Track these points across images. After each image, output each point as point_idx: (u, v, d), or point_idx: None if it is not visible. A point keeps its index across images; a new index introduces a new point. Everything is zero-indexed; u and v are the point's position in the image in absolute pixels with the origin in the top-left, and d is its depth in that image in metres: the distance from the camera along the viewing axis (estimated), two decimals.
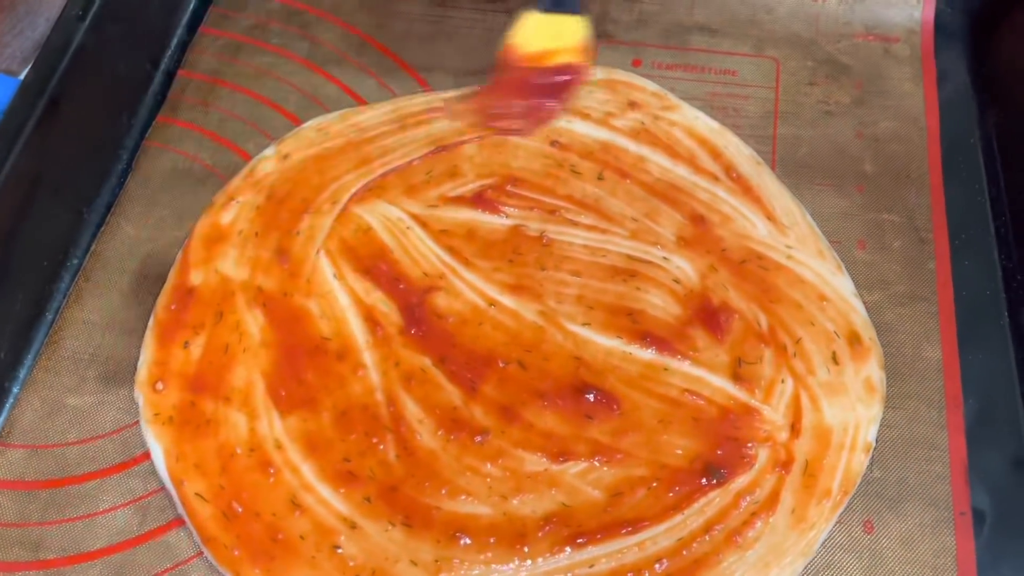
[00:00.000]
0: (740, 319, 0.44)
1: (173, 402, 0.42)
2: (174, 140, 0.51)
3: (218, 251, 0.46)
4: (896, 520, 0.39)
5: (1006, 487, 0.39)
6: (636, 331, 0.44)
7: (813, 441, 0.40)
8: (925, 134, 0.49)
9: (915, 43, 0.53)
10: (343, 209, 0.47)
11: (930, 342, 0.43)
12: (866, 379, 0.42)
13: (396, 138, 0.50)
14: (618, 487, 0.40)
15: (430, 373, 0.43)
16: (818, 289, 0.44)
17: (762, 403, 0.41)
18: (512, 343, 0.43)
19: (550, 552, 0.38)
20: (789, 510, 0.39)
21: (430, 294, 0.45)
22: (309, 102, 0.53)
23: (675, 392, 0.42)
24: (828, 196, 0.48)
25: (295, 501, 0.39)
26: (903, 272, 0.45)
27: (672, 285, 0.45)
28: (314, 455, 0.40)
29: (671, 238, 0.46)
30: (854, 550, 0.38)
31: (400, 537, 0.39)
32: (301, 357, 0.43)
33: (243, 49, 0.55)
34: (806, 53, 0.53)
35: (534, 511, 0.39)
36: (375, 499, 0.39)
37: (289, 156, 0.50)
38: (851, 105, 0.51)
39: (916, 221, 0.47)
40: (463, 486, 0.40)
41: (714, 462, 0.40)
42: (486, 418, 0.41)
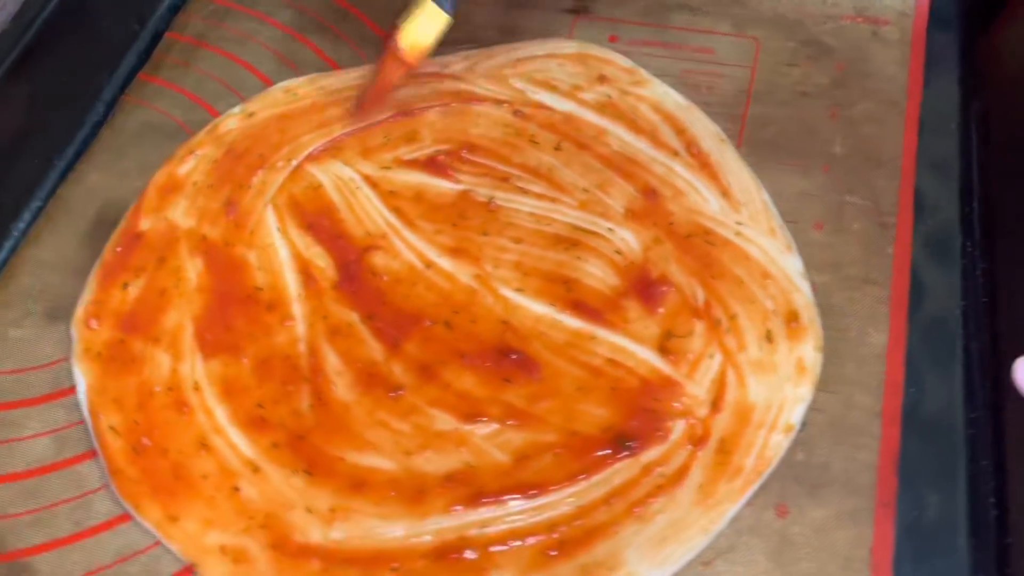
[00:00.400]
0: (676, 292, 0.42)
1: (104, 339, 0.43)
2: (151, 97, 0.52)
3: (171, 200, 0.47)
4: (813, 506, 0.36)
5: (935, 481, 0.36)
6: (569, 299, 0.42)
7: (733, 418, 0.38)
8: (903, 118, 0.47)
9: (906, 26, 0.51)
10: (298, 167, 0.48)
11: (876, 327, 0.41)
12: (798, 359, 0.39)
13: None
14: (525, 451, 0.38)
15: (356, 328, 0.42)
16: (763, 267, 0.42)
17: (686, 377, 0.40)
18: (442, 304, 0.43)
19: (445, 511, 0.37)
20: (696, 486, 0.37)
21: (369, 252, 0.45)
22: (284, 66, 0.53)
23: (598, 361, 0.40)
24: (792, 176, 0.46)
25: (204, 442, 0.39)
26: (859, 255, 0.43)
27: (613, 256, 0.44)
28: (229, 399, 0.41)
29: (620, 210, 0.45)
30: (762, 533, 0.36)
31: (300, 484, 0.38)
32: (232, 305, 0.43)
33: (230, 14, 0.56)
34: (789, 34, 0.52)
35: (437, 469, 0.38)
36: (282, 446, 0.39)
37: (254, 114, 0.50)
38: (829, 86, 0.49)
39: (881, 205, 0.44)
40: (370, 440, 0.39)
41: (627, 433, 0.38)
42: (404, 375, 0.41)
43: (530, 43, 0.53)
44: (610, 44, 0.52)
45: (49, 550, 0.38)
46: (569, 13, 0.54)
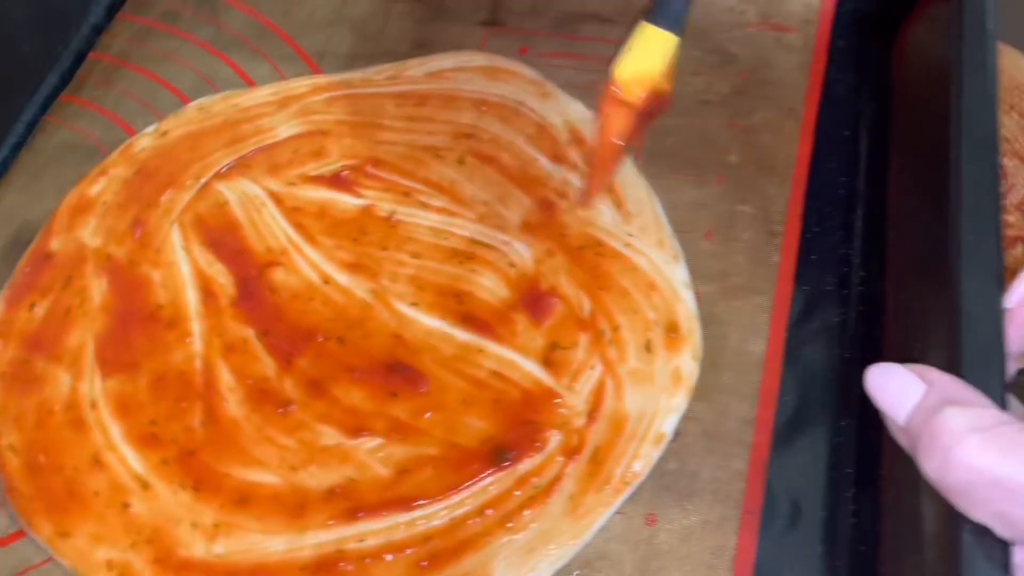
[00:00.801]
0: (563, 304, 0.43)
1: (8, 358, 0.44)
2: (71, 117, 0.54)
3: (81, 220, 0.48)
4: (681, 514, 0.37)
5: (801, 490, 0.37)
6: (460, 312, 0.43)
7: (607, 428, 0.39)
8: (799, 126, 0.47)
9: (810, 33, 0.51)
10: (206, 184, 0.49)
11: (756, 336, 0.41)
12: (675, 369, 0.40)
13: (271, 118, 0.51)
14: (406, 464, 0.39)
15: (251, 345, 0.43)
16: (649, 278, 0.43)
17: (567, 388, 0.40)
18: (337, 319, 0.44)
19: (325, 525, 0.38)
20: (568, 496, 0.37)
21: (269, 268, 0.45)
22: (203, 84, 0.54)
23: (484, 374, 0.41)
24: (686, 186, 0.46)
25: (98, 459, 0.41)
26: (745, 264, 0.43)
27: (506, 269, 0.44)
28: (124, 416, 0.42)
29: (517, 223, 0.46)
30: (631, 542, 0.37)
31: (187, 500, 0.39)
32: (134, 323, 0.44)
33: (152, 33, 0.57)
34: (695, 43, 0.52)
35: (320, 484, 0.39)
36: (172, 462, 0.40)
37: (167, 133, 0.51)
38: (730, 94, 0.49)
39: (770, 214, 0.45)
40: (257, 456, 0.40)
41: (505, 445, 0.39)
42: (294, 391, 0.42)
43: (442, 55, 0.53)
44: (520, 56, 0.53)
45: None
46: (482, 26, 0.55)
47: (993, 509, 0.26)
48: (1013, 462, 0.26)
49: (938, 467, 0.27)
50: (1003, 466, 0.26)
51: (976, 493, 0.26)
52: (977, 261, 0.34)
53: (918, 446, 0.28)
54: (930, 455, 0.27)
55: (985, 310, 0.33)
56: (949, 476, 0.27)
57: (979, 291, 0.33)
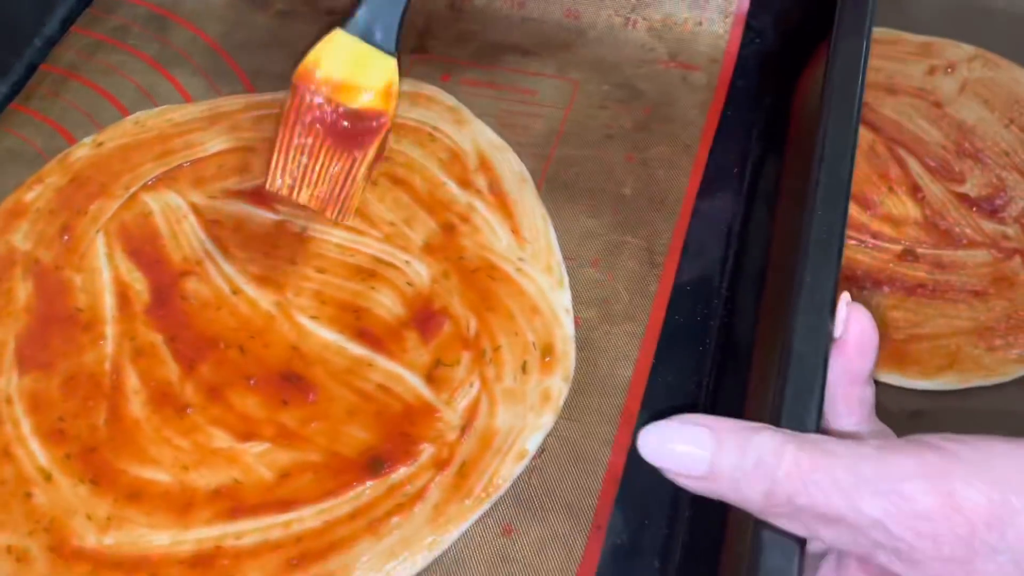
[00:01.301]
0: (451, 324, 0.45)
1: None
2: (18, 125, 0.57)
3: (14, 225, 0.51)
4: (536, 527, 0.40)
5: (646, 508, 0.40)
6: (356, 327, 0.46)
7: (476, 443, 0.41)
8: (692, 162, 0.50)
9: (714, 73, 0.54)
10: (133, 195, 0.52)
11: (626, 361, 0.44)
12: (544, 390, 0.43)
13: (202, 134, 0.54)
14: (288, 469, 0.42)
15: (158, 349, 0.46)
16: (533, 302, 0.45)
17: (445, 404, 0.43)
18: (241, 329, 0.46)
19: (207, 522, 0.41)
20: (432, 506, 0.40)
21: (184, 278, 0.48)
22: (143, 98, 0.57)
23: (371, 387, 0.44)
24: (582, 216, 0.49)
25: (7, 451, 0.43)
26: (624, 292, 0.46)
27: (404, 288, 0.47)
28: (35, 412, 0.44)
29: (419, 244, 0.49)
30: (487, 550, 0.39)
31: (85, 493, 0.42)
32: (53, 324, 0.47)
33: (102, 47, 0.60)
34: (605, 77, 0.55)
35: (208, 484, 0.42)
36: (74, 457, 0.43)
37: (103, 144, 0.54)
38: (632, 129, 0.52)
39: (654, 245, 0.47)
40: (153, 455, 0.43)
41: (381, 455, 0.42)
42: (195, 395, 0.44)
43: None
44: (441, 83, 0.56)
45: None
46: (408, 52, 0.57)
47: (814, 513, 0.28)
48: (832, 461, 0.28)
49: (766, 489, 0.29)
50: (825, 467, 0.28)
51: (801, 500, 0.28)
52: (812, 303, 0.36)
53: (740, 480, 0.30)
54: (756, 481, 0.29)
55: (812, 349, 0.35)
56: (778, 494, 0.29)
57: (809, 331, 0.36)
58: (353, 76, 0.40)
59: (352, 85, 0.41)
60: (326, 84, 0.40)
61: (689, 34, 0.55)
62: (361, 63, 0.41)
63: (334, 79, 0.41)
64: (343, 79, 0.40)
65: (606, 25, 0.56)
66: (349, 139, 0.41)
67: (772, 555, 0.31)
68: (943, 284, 0.60)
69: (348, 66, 0.40)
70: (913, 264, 0.61)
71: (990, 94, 0.70)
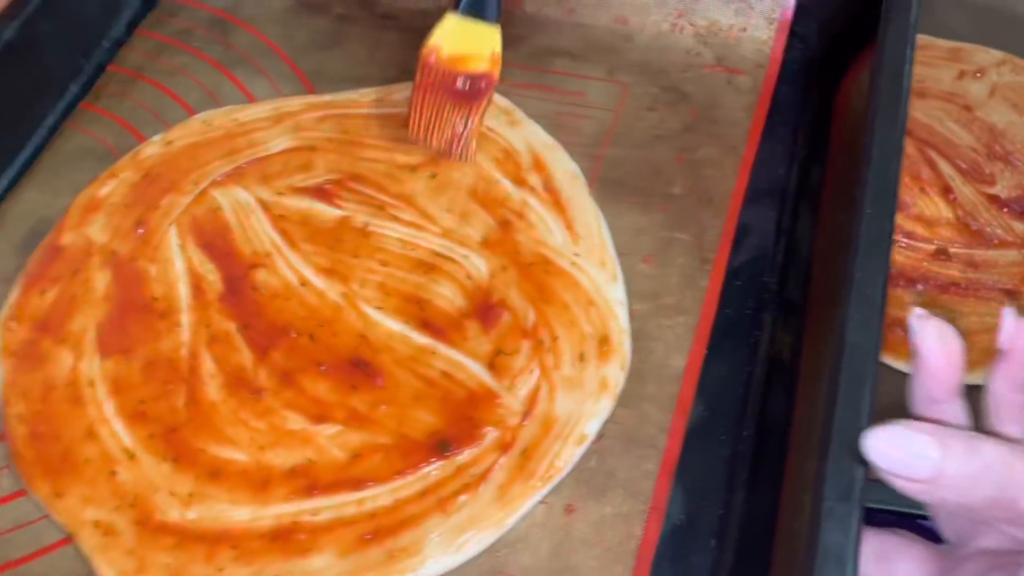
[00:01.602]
0: (511, 315, 0.48)
1: (20, 338, 0.49)
2: (88, 123, 0.59)
3: (90, 218, 0.54)
4: (596, 507, 0.42)
5: (702, 490, 0.42)
6: (420, 318, 0.48)
7: (538, 428, 0.44)
8: (739, 162, 0.52)
9: (759, 77, 0.56)
10: (202, 191, 0.54)
11: (679, 352, 0.46)
12: (603, 378, 0.45)
13: (266, 132, 0.57)
14: (360, 450, 0.44)
15: (232, 337, 0.48)
16: (588, 294, 0.48)
17: (506, 390, 0.45)
18: (310, 318, 0.49)
19: (285, 499, 0.43)
20: (497, 485, 0.42)
21: (254, 269, 0.51)
22: (208, 98, 0.60)
23: (435, 374, 0.46)
24: (632, 213, 0.51)
25: (91, 431, 0.46)
26: (676, 287, 0.48)
27: (464, 281, 0.49)
28: (117, 394, 0.47)
29: (477, 239, 0.51)
30: (549, 528, 0.41)
31: (167, 471, 0.45)
32: (131, 312, 0.50)
33: (167, 49, 0.63)
34: (653, 80, 0.57)
35: (283, 463, 0.44)
36: (156, 437, 0.46)
37: (173, 143, 0.57)
38: (680, 131, 0.54)
39: (704, 242, 0.49)
40: (230, 435, 0.45)
41: (447, 438, 0.44)
42: (268, 380, 0.47)
43: None
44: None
45: None
46: None
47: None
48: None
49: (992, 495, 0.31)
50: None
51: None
52: (863, 297, 0.38)
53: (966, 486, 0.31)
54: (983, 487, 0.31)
55: (865, 340, 0.38)
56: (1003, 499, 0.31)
57: (862, 323, 0.38)
58: (465, 48, 0.50)
59: (465, 55, 0.50)
60: (446, 58, 0.50)
61: (734, 40, 0.57)
62: (470, 36, 0.50)
63: (451, 53, 0.50)
64: (458, 52, 0.50)
65: (653, 30, 0.59)
66: (465, 97, 0.51)
67: (831, 531, 0.33)
68: (975, 283, 0.62)
69: (460, 41, 0.50)
70: (946, 263, 0.63)
71: (1019, 98, 0.72)
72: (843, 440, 0.35)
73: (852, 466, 0.34)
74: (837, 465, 0.34)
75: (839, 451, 0.34)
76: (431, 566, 0.41)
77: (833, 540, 0.33)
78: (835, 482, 0.34)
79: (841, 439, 0.35)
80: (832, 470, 0.34)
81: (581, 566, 0.41)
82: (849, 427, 0.35)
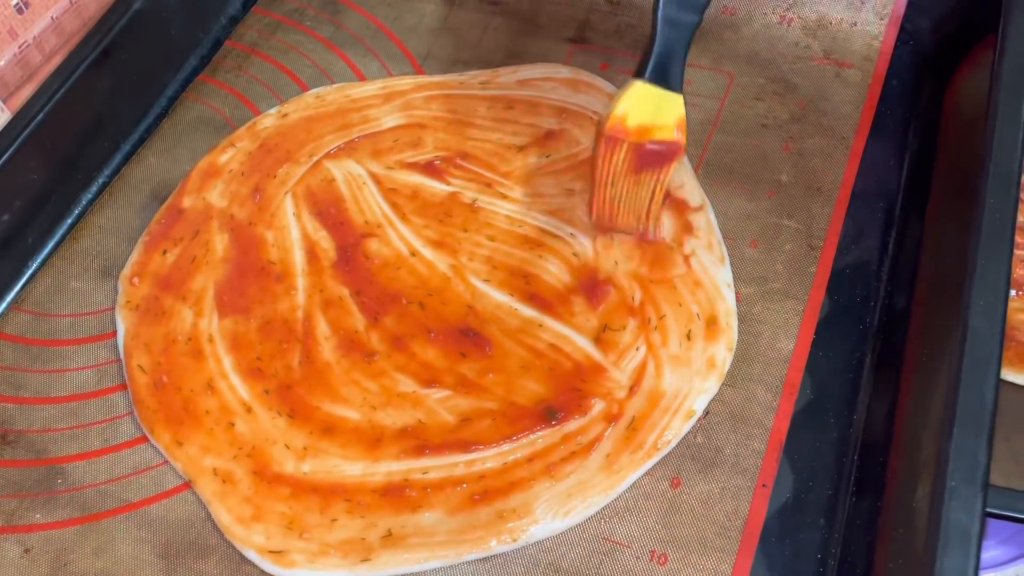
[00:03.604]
0: (617, 292, 0.48)
1: (143, 294, 0.52)
2: (206, 95, 0.62)
3: (210, 184, 0.56)
4: (703, 481, 0.42)
5: (810, 471, 0.42)
6: (526, 291, 0.49)
7: (645, 401, 0.44)
8: (848, 153, 0.52)
9: (868, 70, 0.56)
10: (317, 162, 0.56)
11: (787, 336, 0.46)
12: (710, 357, 0.45)
13: (377, 110, 0.58)
14: (469, 414, 0.45)
15: (346, 301, 0.50)
16: (696, 276, 0.48)
17: (613, 365, 0.46)
18: (420, 287, 0.50)
19: (396, 457, 0.45)
20: (604, 455, 0.43)
21: (366, 239, 0.52)
22: (320, 75, 0.62)
23: (542, 345, 0.47)
24: (739, 198, 0.52)
25: (211, 384, 0.48)
26: (783, 272, 0.48)
27: (570, 258, 0.50)
28: (236, 351, 0.49)
29: (584, 218, 0.52)
30: (656, 499, 0.42)
31: (283, 425, 0.46)
32: (249, 274, 0.52)
33: (280, 27, 0.65)
34: (760, 71, 0.57)
35: (395, 423, 0.46)
36: (272, 392, 0.47)
37: (288, 115, 0.59)
38: (788, 120, 0.54)
39: (812, 229, 0.50)
40: (344, 395, 0.47)
41: (555, 406, 0.45)
42: (380, 344, 0.48)
43: (531, 66, 0.60)
44: (600, 71, 0.59)
45: (81, 459, 0.47)
46: (569, 42, 0.61)
47: None
48: None
49: None
50: None
51: None
52: (987, 283, 0.39)
53: None
54: None
55: (989, 325, 0.38)
56: None
57: (985, 308, 0.38)
58: (652, 117, 0.45)
59: (651, 125, 0.45)
60: (632, 129, 0.45)
61: (843, 33, 0.57)
62: (657, 105, 0.45)
63: (640, 122, 0.45)
64: (645, 122, 0.45)
65: (761, 22, 0.59)
66: (650, 166, 0.46)
67: (956, 511, 0.33)
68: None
69: (647, 110, 0.45)
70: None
71: None
72: (968, 423, 0.35)
73: (978, 448, 0.34)
74: (962, 447, 0.34)
75: (964, 433, 0.35)
76: (539, 529, 0.42)
77: (958, 521, 0.33)
78: (960, 464, 0.34)
79: (966, 422, 0.35)
80: (957, 452, 0.34)
81: (687, 538, 0.41)
82: (974, 410, 0.35)
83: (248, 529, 0.43)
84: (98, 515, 0.45)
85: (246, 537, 0.43)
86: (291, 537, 0.43)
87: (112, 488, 0.46)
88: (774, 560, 0.40)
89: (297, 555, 0.42)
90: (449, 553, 0.42)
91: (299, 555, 0.42)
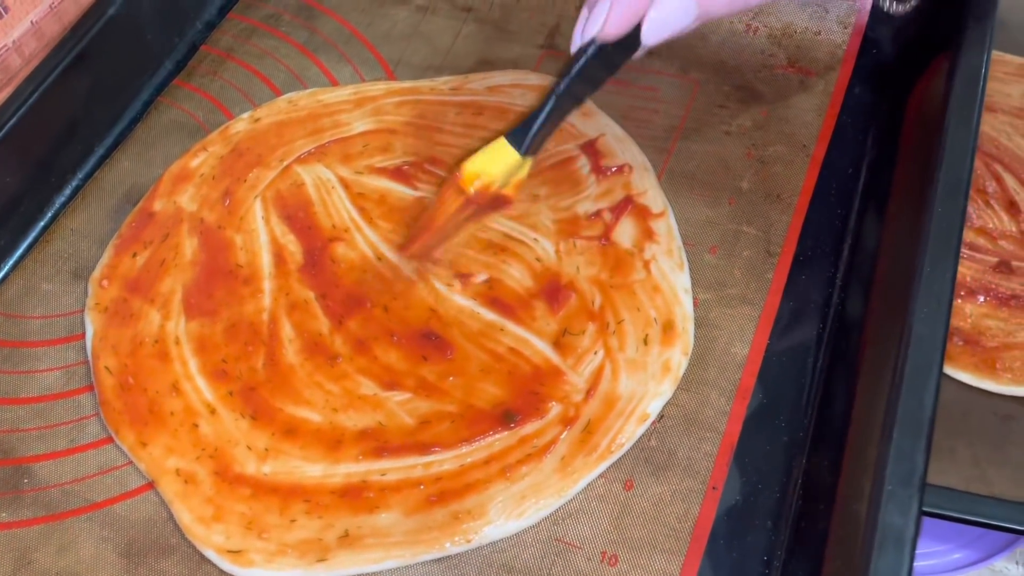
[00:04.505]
0: (577, 297, 0.49)
1: (112, 296, 0.52)
2: (181, 99, 0.62)
3: (181, 188, 0.57)
4: (655, 484, 0.43)
5: (759, 473, 0.43)
6: (489, 295, 0.50)
7: (601, 405, 0.45)
8: (808, 161, 0.53)
9: (831, 79, 0.57)
10: (287, 167, 0.57)
11: (742, 340, 0.47)
12: (666, 361, 0.46)
13: (348, 115, 0.59)
14: (428, 417, 0.46)
15: (311, 305, 0.51)
16: (655, 281, 0.49)
17: (571, 368, 0.47)
18: (384, 291, 0.51)
19: (355, 459, 0.45)
20: (559, 457, 0.44)
21: (333, 243, 0.53)
22: (294, 80, 0.63)
23: (502, 349, 0.48)
24: (700, 205, 0.52)
25: (176, 385, 0.49)
26: (741, 278, 0.49)
27: (533, 263, 0.51)
28: (201, 353, 0.50)
29: (548, 224, 0.53)
30: (609, 501, 0.43)
31: (245, 427, 0.47)
32: (216, 277, 0.52)
33: (256, 32, 0.66)
34: (726, 78, 0.58)
35: (355, 425, 0.46)
36: (236, 394, 0.48)
37: (260, 120, 0.60)
38: (751, 128, 0.55)
39: (771, 236, 0.50)
40: (306, 397, 0.48)
41: (512, 409, 0.46)
42: (343, 347, 0.49)
43: (501, 72, 0.60)
44: None
45: (48, 459, 0.48)
46: (539, 48, 0.62)
47: None
48: None
49: None
50: None
51: None
52: (931, 291, 0.39)
53: None
54: None
55: (931, 331, 0.38)
56: None
57: (929, 315, 0.39)
58: (503, 175, 0.46)
59: (498, 180, 0.46)
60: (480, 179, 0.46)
61: (808, 42, 0.58)
62: (508, 164, 0.46)
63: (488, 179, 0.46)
64: (493, 177, 0.46)
65: (728, 30, 0.60)
66: (482, 212, 0.48)
67: (891, 514, 0.34)
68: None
69: (499, 168, 0.46)
70: (1008, 276, 0.63)
71: None
72: (907, 427, 0.36)
73: (915, 452, 0.35)
74: (900, 450, 0.35)
75: (903, 437, 0.35)
76: (493, 529, 0.42)
77: (893, 523, 0.34)
78: (897, 467, 0.35)
79: (905, 425, 0.36)
80: (895, 455, 0.35)
81: (638, 539, 0.42)
82: (913, 414, 0.36)
83: (208, 529, 0.44)
84: (62, 514, 0.46)
85: (206, 537, 0.44)
86: (250, 537, 0.43)
87: (77, 488, 0.46)
88: (721, 561, 0.41)
89: (255, 555, 0.43)
90: (404, 553, 0.42)
91: (257, 555, 0.43)
